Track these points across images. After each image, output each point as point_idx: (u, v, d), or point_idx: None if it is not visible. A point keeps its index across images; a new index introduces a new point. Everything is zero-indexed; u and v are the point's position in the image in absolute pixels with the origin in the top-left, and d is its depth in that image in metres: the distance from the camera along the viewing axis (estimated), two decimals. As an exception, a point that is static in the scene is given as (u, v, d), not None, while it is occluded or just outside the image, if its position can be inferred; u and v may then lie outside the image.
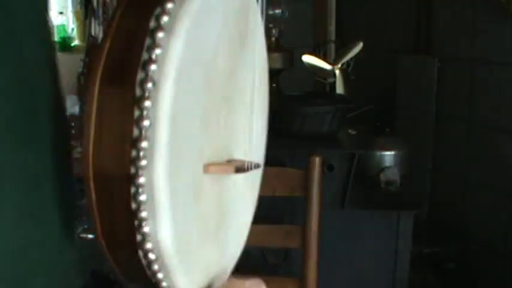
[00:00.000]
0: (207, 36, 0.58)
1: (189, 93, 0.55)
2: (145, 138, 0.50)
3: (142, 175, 0.51)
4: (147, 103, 0.50)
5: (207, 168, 0.60)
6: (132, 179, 0.51)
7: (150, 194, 0.51)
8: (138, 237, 0.53)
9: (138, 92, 0.50)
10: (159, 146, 0.51)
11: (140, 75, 0.50)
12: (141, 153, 0.50)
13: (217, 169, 0.62)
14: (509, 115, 1.70)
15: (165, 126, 0.51)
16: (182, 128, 0.54)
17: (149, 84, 0.50)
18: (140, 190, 0.51)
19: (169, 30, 0.52)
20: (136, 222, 0.52)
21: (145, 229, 0.52)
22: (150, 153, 0.51)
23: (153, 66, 0.50)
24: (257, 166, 0.70)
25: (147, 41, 0.51)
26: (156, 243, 0.53)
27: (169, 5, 0.53)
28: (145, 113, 0.50)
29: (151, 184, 0.51)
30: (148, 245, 0.53)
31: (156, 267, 0.55)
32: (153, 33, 0.52)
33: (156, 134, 0.50)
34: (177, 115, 0.52)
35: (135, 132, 0.50)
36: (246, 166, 0.66)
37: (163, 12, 0.52)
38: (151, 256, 0.54)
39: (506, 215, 1.73)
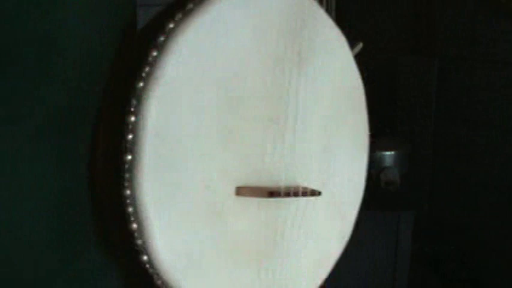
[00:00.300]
0: (225, 56, 0.56)
1: (189, 112, 0.54)
2: (129, 152, 0.51)
3: (127, 187, 0.52)
4: (132, 118, 0.51)
5: (238, 191, 0.59)
6: (120, 190, 0.52)
7: (135, 207, 0.52)
8: (135, 249, 0.53)
9: (127, 107, 0.51)
10: (140, 159, 0.51)
11: (131, 91, 0.51)
12: (126, 166, 0.51)
13: (247, 192, 0.59)
14: (509, 115, 1.70)
15: (146, 140, 0.51)
16: (181, 146, 0.54)
17: (134, 100, 0.51)
18: (128, 201, 0.52)
19: (161, 49, 0.52)
20: (130, 235, 0.53)
21: (138, 241, 0.53)
22: (133, 167, 0.51)
23: (140, 83, 0.51)
24: (312, 193, 0.65)
25: (144, 59, 0.52)
26: (150, 257, 0.54)
27: (171, 25, 0.53)
28: (130, 127, 0.51)
29: (134, 197, 0.52)
30: (144, 257, 0.53)
31: (159, 282, 0.55)
32: (149, 51, 0.52)
33: (138, 148, 0.51)
34: (168, 132, 0.52)
35: (122, 145, 0.51)
36: (282, 192, 0.62)
37: (162, 32, 0.53)
38: (150, 270, 0.54)
39: (507, 215, 1.73)
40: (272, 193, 0.61)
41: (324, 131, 0.69)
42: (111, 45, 0.61)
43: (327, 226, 0.72)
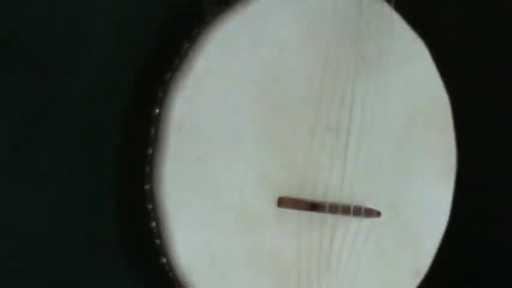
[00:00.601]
0: (265, 54, 0.54)
1: (221, 109, 0.53)
2: (151, 145, 0.50)
3: (147, 182, 0.51)
4: (156, 110, 0.50)
5: (280, 201, 0.56)
6: (142, 185, 0.51)
7: (154, 204, 0.51)
8: (155, 251, 0.52)
9: (154, 99, 0.51)
10: (161, 153, 0.50)
11: (160, 83, 0.51)
12: (147, 160, 0.50)
13: (290, 203, 0.56)
14: (510, 115, 1.70)
15: (169, 134, 0.50)
16: (208, 143, 0.52)
17: (160, 92, 0.50)
18: (147, 197, 0.51)
19: (193, 41, 0.52)
20: (150, 234, 0.51)
21: (157, 241, 0.52)
22: (153, 161, 0.51)
23: (168, 75, 0.50)
24: (367, 213, 0.61)
25: (177, 52, 0.52)
26: (169, 259, 0.52)
27: (208, 18, 0.53)
28: (153, 120, 0.50)
29: (153, 193, 0.50)
30: (163, 260, 0.52)
31: None
32: (182, 43, 0.52)
33: (160, 141, 0.50)
34: (194, 128, 0.51)
35: (145, 138, 0.50)
36: (326, 206, 0.58)
37: (198, 25, 0.52)
38: (170, 274, 0.52)
39: (507, 215, 1.73)
40: (315, 206, 0.57)
41: (395, 147, 0.64)
42: (149, 38, 0.61)
43: (396, 257, 0.67)
